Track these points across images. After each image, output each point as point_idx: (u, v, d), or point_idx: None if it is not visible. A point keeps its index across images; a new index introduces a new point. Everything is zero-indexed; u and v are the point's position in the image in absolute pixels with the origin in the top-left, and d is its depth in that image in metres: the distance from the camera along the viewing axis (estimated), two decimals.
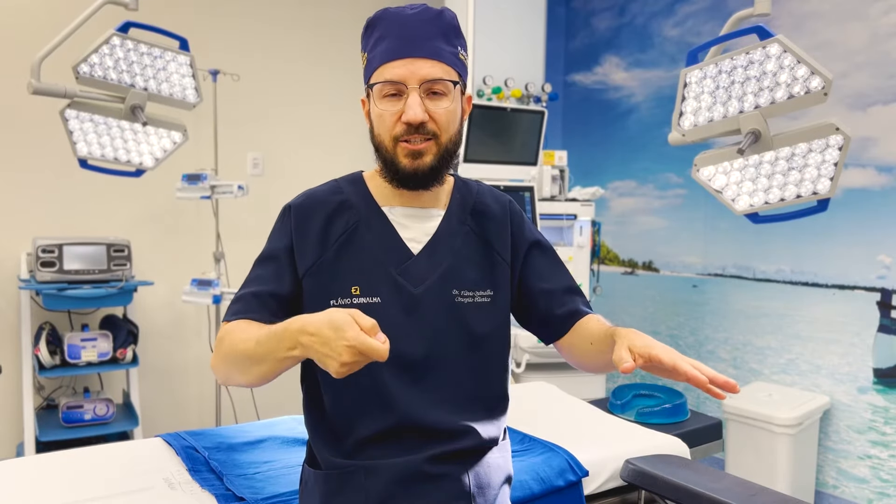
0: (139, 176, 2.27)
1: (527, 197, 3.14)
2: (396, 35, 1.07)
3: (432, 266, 1.14)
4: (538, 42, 3.61)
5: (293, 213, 1.15)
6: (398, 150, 1.09)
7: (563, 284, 1.23)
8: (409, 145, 1.08)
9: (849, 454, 2.82)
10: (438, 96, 1.08)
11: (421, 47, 1.07)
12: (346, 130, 3.84)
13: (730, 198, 1.79)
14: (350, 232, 1.13)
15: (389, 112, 1.07)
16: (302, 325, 0.89)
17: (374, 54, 1.10)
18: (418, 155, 1.08)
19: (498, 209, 1.23)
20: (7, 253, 2.98)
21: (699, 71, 1.74)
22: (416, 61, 1.06)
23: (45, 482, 1.51)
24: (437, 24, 1.09)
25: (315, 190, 1.19)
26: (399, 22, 1.08)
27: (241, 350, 0.99)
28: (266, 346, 0.95)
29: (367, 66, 1.12)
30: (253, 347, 0.97)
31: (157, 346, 3.33)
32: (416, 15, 1.08)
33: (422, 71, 1.06)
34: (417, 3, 1.11)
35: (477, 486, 1.13)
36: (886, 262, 2.72)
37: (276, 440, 1.82)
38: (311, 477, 1.16)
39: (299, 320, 0.90)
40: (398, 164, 1.09)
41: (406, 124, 1.06)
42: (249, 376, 1.01)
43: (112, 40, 1.94)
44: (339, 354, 0.84)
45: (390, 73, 1.07)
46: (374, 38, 1.11)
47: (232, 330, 1.04)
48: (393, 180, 1.12)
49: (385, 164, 1.12)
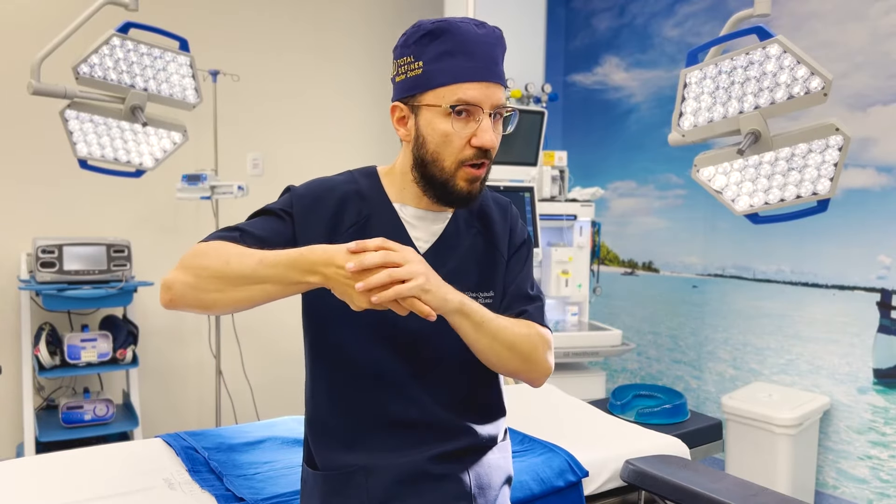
0: (139, 176, 2.27)
1: (527, 197, 3.14)
2: (470, 55, 1.05)
3: (437, 266, 1.14)
4: (538, 42, 3.62)
5: (296, 198, 1.13)
6: (460, 174, 1.08)
7: (522, 290, 1.20)
8: (475, 170, 1.08)
9: (849, 454, 2.82)
10: (499, 120, 1.10)
11: (493, 72, 1.07)
12: (347, 130, 3.84)
13: (730, 198, 1.79)
14: (361, 224, 1.13)
15: (460, 135, 1.06)
16: (329, 256, 0.89)
17: (437, 67, 1.05)
18: (476, 180, 1.09)
19: (499, 211, 1.24)
20: (7, 253, 2.98)
21: (699, 71, 1.74)
22: (491, 86, 1.06)
23: (45, 483, 1.51)
24: (501, 46, 1.10)
25: (329, 178, 1.18)
26: (470, 40, 1.06)
27: (233, 266, 0.94)
28: (273, 268, 0.92)
29: (424, 76, 1.06)
30: (253, 265, 0.93)
31: (157, 346, 3.33)
32: (485, 36, 1.07)
33: (495, 96, 1.06)
34: (479, 21, 1.09)
35: (477, 487, 1.13)
36: (886, 263, 2.72)
37: (275, 440, 1.82)
38: (311, 477, 1.16)
39: (322, 250, 0.90)
40: (454, 186, 1.09)
41: (477, 148, 1.06)
42: (228, 297, 0.96)
43: (112, 41, 1.94)
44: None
45: (466, 94, 1.04)
46: (437, 49, 1.06)
47: (217, 246, 0.99)
48: (440, 198, 1.11)
49: (434, 182, 1.09)
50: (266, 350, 3.55)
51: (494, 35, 1.09)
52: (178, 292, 0.97)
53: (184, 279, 0.97)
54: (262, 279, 0.93)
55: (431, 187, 1.10)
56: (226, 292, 0.95)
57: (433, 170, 1.08)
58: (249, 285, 0.94)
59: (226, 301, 0.96)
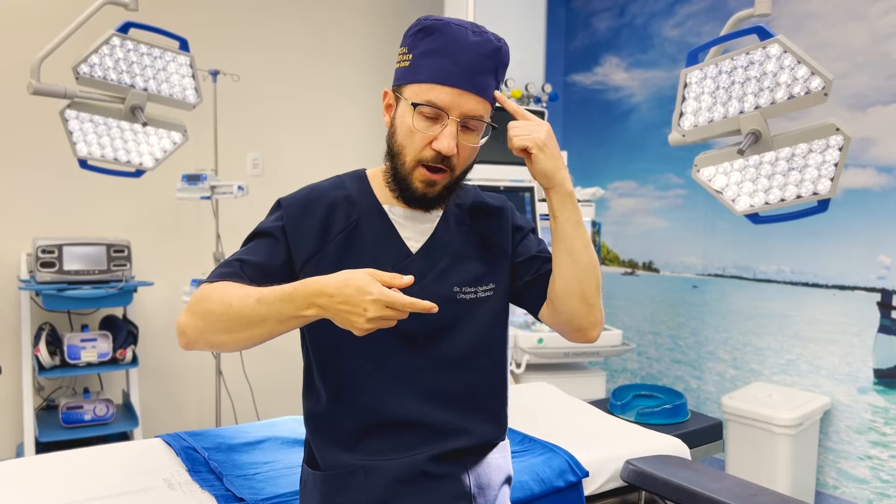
0: (139, 176, 2.27)
1: (526, 197, 3.14)
2: (453, 58, 1.04)
3: (430, 265, 1.14)
4: (538, 42, 3.62)
5: (286, 209, 1.14)
6: (416, 173, 1.08)
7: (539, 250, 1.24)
8: (429, 174, 1.08)
9: (849, 455, 2.81)
10: (470, 131, 1.09)
11: (472, 81, 1.05)
12: (347, 131, 3.84)
13: (730, 198, 1.79)
14: (351, 228, 1.13)
15: (422, 134, 1.06)
16: (320, 288, 0.89)
17: (422, 63, 1.06)
18: (433, 184, 1.09)
19: (497, 204, 1.25)
20: (7, 253, 2.98)
21: (699, 71, 1.74)
22: (464, 94, 1.05)
23: (45, 483, 1.51)
24: (494, 59, 1.08)
25: (317, 184, 1.19)
26: (459, 45, 1.05)
27: (235, 308, 0.95)
28: (271, 305, 0.93)
29: (410, 69, 1.08)
30: (252, 305, 0.94)
31: (156, 346, 3.33)
32: (478, 45, 1.06)
33: (467, 105, 1.05)
34: (479, 28, 1.08)
35: (477, 487, 1.13)
36: (886, 263, 2.72)
37: (275, 441, 1.82)
38: (311, 477, 1.16)
39: (314, 282, 0.90)
40: (411, 184, 1.09)
41: (435, 152, 1.06)
42: (235, 337, 0.97)
43: (112, 40, 1.94)
44: (364, 310, 0.86)
45: (436, 96, 1.04)
46: (425, 46, 1.07)
47: (220, 289, 1.00)
48: (400, 196, 1.12)
49: (396, 176, 1.11)
50: (266, 350, 3.53)
51: (489, 46, 1.07)
52: (191, 337, 1.01)
53: (194, 324, 1.00)
54: (262, 317, 0.94)
55: (394, 181, 1.11)
56: (233, 333, 0.97)
57: (396, 163, 1.10)
58: (254, 325, 0.95)
59: (234, 341, 0.99)
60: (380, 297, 0.86)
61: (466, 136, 1.08)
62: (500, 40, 1.09)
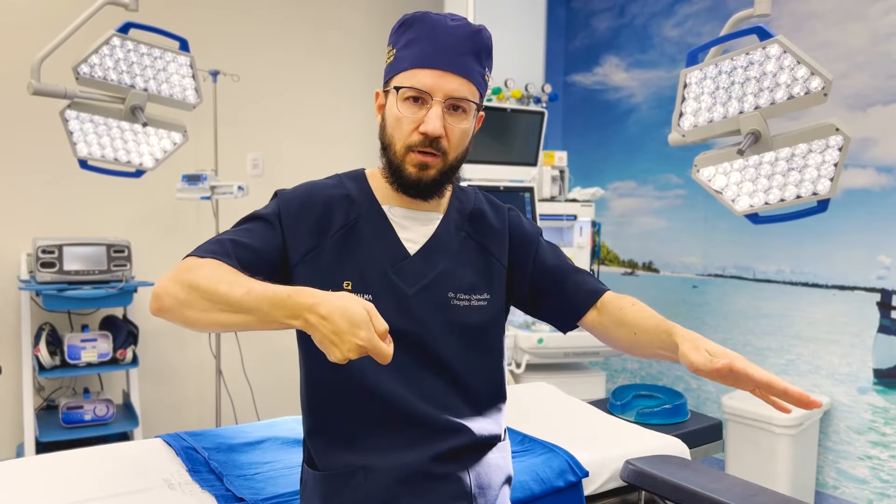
0: (139, 176, 2.27)
1: (527, 198, 3.14)
2: (432, 42, 1.06)
3: (427, 268, 1.14)
4: (538, 42, 3.62)
5: (284, 202, 1.13)
6: (408, 158, 1.09)
7: (573, 267, 1.26)
8: (420, 157, 1.08)
9: (849, 455, 2.82)
10: (458, 113, 1.09)
11: (453, 62, 1.06)
12: (347, 131, 3.84)
13: (730, 198, 1.79)
14: (349, 227, 1.13)
15: (409, 118, 1.07)
16: (315, 303, 0.86)
17: (403, 54, 1.09)
18: (425, 167, 1.09)
19: (495, 214, 1.24)
20: (7, 253, 2.98)
21: (699, 71, 1.74)
22: (446, 75, 1.06)
23: (45, 483, 1.50)
24: (474, 41, 1.09)
25: (316, 181, 1.19)
26: (437, 30, 1.07)
27: (222, 291, 0.92)
28: (260, 302, 0.90)
29: (394, 63, 1.10)
30: (241, 295, 0.91)
31: (157, 346, 3.33)
32: (455, 28, 1.07)
33: (449, 86, 1.06)
34: (458, 16, 1.10)
35: (478, 487, 1.13)
36: (886, 263, 2.72)
37: (276, 441, 1.82)
38: (311, 478, 1.16)
39: (310, 295, 0.87)
40: (404, 171, 1.10)
41: (423, 135, 1.06)
42: (211, 318, 0.94)
43: (112, 41, 1.94)
44: (347, 350, 0.84)
45: (418, 80, 1.06)
46: (406, 38, 1.09)
47: (210, 266, 0.97)
48: (395, 184, 1.13)
49: (390, 167, 1.12)
50: (266, 350, 3.55)
51: (467, 29, 1.08)
52: (166, 304, 0.96)
53: (173, 292, 0.95)
54: (246, 310, 0.91)
55: (389, 171, 1.12)
56: (209, 313, 0.94)
57: (389, 154, 1.11)
58: (233, 313, 0.92)
59: (206, 322, 0.95)
60: (366, 344, 0.83)
61: (454, 117, 1.08)
62: (480, 26, 1.11)
